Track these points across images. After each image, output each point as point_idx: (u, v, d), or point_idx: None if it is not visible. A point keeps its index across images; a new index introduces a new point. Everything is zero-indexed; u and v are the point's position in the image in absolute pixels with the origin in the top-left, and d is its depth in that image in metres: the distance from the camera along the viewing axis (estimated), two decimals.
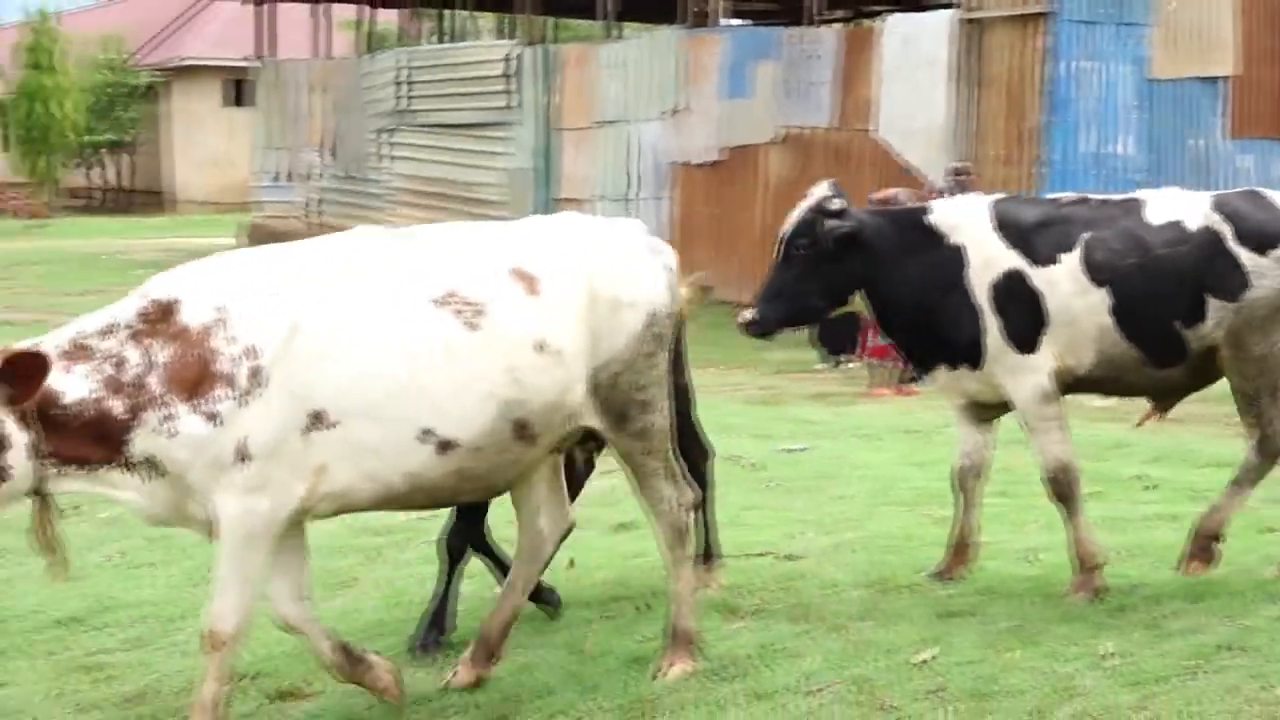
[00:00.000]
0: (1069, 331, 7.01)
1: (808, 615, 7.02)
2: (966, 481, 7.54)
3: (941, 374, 7.34)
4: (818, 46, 20.37)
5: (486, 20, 36.29)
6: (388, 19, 35.54)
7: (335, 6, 34.07)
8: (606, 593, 7.46)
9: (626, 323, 5.71)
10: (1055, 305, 6.97)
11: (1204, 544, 7.23)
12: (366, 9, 33.29)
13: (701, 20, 22.51)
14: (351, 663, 5.60)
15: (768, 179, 20.68)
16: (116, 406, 4.91)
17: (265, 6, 34.15)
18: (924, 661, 6.35)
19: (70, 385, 4.87)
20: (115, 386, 4.91)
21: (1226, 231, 6.97)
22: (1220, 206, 7.09)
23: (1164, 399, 7.50)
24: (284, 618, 5.52)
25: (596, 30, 28.08)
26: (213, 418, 4.95)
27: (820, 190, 7.15)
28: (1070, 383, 7.16)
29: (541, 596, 6.79)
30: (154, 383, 4.94)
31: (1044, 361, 7.02)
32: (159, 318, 5.03)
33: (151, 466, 5.03)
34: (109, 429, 4.93)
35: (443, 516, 6.83)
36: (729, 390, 14.61)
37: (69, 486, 5.08)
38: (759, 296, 7.28)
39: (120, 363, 4.94)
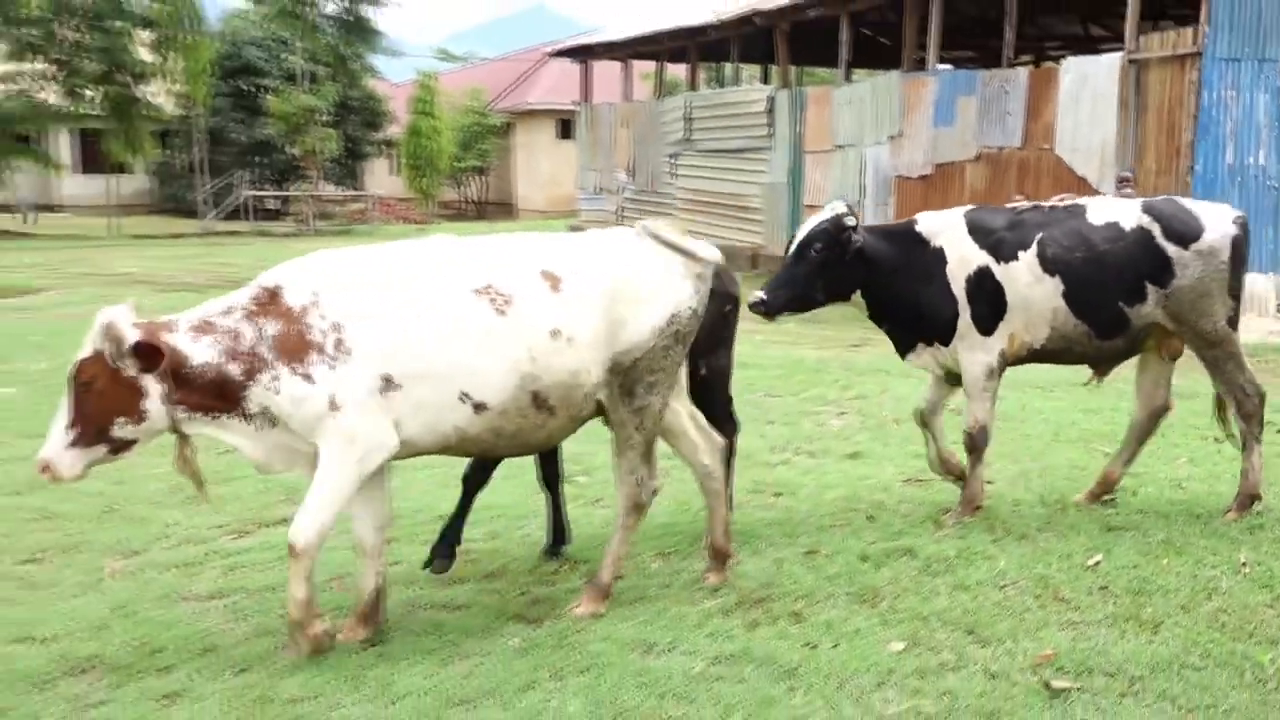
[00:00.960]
0: (1025, 314, 6.74)
1: (999, 526, 6.92)
2: (929, 419, 7.31)
3: (918, 351, 7.06)
4: (1009, 84, 19.83)
5: (750, 70, 36.17)
6: (676, 71, 35.70)
7: (636, 62, 34.33)
8: (840, 506, 7.43)
9: (647, 319, 5.47)
10: (1013, 294, 6.72)
11: (1246, 502, 6.97)
12: (660, 64, 33.45)
13: (918, 66, 22.06)
14: (373, 607, 5.54)
15: (967, 188, 20.31)
16: (234, 369, 5.01)
17: (585, 64, 34.68)
18: (1093, 565, 6.24)
19: (197, 351, 4.99)
20: (233, 354, 5.01)
21: (1156, 230, 6.72)
22: (1149, 210, 6.82)
23: (1103, 365, 7.17)
24: (361, 541, 5.50)
25: (834, 76, 27.71)
26: (308, 378, 5.02)
27: (838, 207, 6.84)
28: (1026, 355, 6.90)
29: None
30: (264, 351, 5.02)
31: (996, 343, 6.81)
32: (268, 301, 5.10)
33: (266, 416, 5.10)
34: (228, 386, 5.03)
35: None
36: None
37: (197, 429, 5.14)
38: (770, 284, 6.97)
39: (237, 336, 5.03)
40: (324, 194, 46.13)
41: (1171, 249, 6.72)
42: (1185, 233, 6.74)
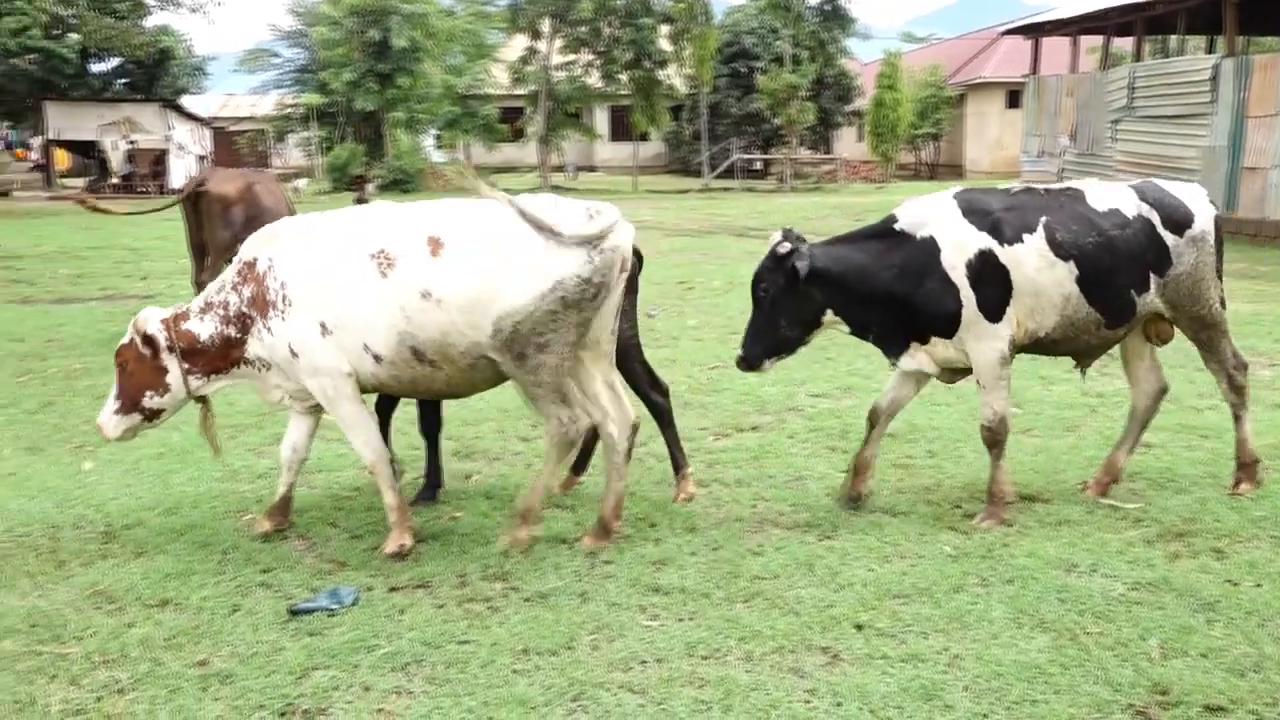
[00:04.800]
0: (1034, 301, 5.25)
1: None
2: (878, 419, 5.82)
3: (913, 352, 5.51)
4: None
5: (1194, 41, 32.52)
6: (1121, 44, 32.75)
7: (1083, 38, 31.81)
8: (1268, 453, 6.56)
9: (531, 286, 4.81)
10: (1020, 278, 5.22)
11: (1250, 466, 5.93)
12: (1106, 38, 30.79)
13: None
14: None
15: None
16: (232, 331, 5.20)
17: (1035, 41, 32.64)
18: None
19: (203, 329, 5.23)
20: (228, 320, 5.19)
21: (1155, 218, 5.35)
22: (1143, 195, 5.40)
23: (1091, 358, 5.70)
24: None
25: None
26: (269, 329, 5.09)
27: (774, 237, 5.41)
28: (1029, 344, 5.42)
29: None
30: (248, 311, 5.15)
31: (1006, 330, 5.26)
32: (246, 270, 5.19)
33: (261, 363, 5.24)
34: (231, 346, 5.23)
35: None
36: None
37: (216, 386, 5.42)
38: (744, 338, 5.55)
39: (227, 304, 5.20)
40: (800, 157, 46.26)
41: (1169, 237, 5.45)
42: (1181, 220, 5.48)
